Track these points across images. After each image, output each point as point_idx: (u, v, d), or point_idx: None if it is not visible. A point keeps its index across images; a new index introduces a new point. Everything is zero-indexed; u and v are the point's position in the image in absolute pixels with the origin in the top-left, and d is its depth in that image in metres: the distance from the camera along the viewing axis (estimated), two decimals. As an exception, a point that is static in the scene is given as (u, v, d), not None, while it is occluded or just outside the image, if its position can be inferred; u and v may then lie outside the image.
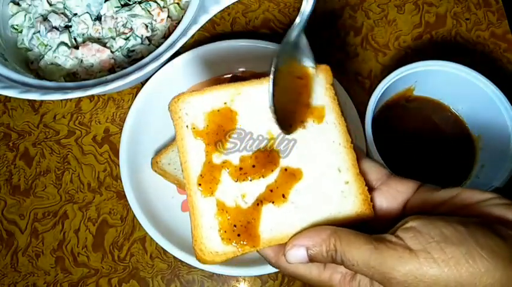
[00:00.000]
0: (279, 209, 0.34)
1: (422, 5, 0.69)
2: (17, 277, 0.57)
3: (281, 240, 0.33)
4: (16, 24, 0.62)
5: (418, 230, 0.28)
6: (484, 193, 0.31)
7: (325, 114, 0.36)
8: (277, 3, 0.69)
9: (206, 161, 0.34)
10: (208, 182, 0.34)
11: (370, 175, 0.36)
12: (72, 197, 0.60)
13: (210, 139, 0.35)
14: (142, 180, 0.56)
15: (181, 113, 0.36)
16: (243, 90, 0.36)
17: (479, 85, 0.52)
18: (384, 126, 0.55)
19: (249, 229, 0.33)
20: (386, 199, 0.35)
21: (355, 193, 0.34)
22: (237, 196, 0.34)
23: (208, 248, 0.33)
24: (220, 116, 0.36)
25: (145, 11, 0.61)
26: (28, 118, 0.63)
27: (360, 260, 0.29)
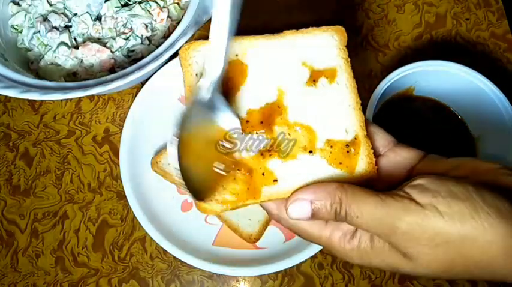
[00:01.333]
0: (285, 163, 0.34)
1: (422, 5, 0.69)
2: (17, 277, 0.57)
3: (283, 195, 0.33)
4: (16, 24, 0.62)
5: (426, 187, 0.29)
6: (492, 163, 0.31)
7: (337, 75, 0.36)
8: (277, 4, 0.69)
9: None
10: None
11: (377, 141, 0.36)
12: (72, 197, 0.60)
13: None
14: (142, 180, 0.56)
15: (191, 61, 0.36)
16: (256, 43, 0.36)
17: (480, 85, 0.52)
18: (384, 126, 0.55)
19: (252, 178, 0.33)
20: (392, 164, 0.35)
21: (360, 154, 0.34)
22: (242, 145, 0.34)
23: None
24: (230, 68, 0.35)
25: (145, 11, 0.61)
26: (28, 118, 0.63)
27: (365, 211, 0.29)
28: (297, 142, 0.34)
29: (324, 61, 0.36)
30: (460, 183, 0.28)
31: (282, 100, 0.35)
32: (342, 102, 0.35)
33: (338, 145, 0.34)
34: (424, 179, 0.29)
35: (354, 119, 0.35)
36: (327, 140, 0.34)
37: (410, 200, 0.28)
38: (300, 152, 0.34)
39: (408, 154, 0.35)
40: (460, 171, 0.31)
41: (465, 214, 0.27)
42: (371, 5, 0.69)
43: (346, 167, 0.34)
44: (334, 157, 0.34)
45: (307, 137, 0.34)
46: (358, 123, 0.35)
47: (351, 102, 0.35)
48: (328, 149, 0.34)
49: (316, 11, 0.68)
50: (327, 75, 0.36)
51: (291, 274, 0.56)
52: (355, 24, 0.68)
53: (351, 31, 0.68)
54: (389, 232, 0.29)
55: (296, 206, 0.31)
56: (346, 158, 0.34)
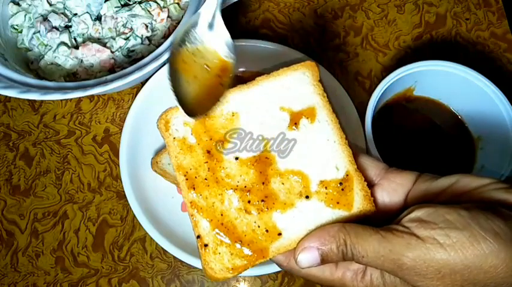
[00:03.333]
0: (285, 214, 0.34)
1: (422, 5, 0.69)
2: (17, 277, 0.57)
3: (289, 246, 0.33)
4: (16, 24, 0.62)
5: (423, 219, 0.29)
6: (483, 179, 0.31)
7: (316, 113, 0.36)
8: (277, 3, 0.69)
9: (204, 177, 0.34)
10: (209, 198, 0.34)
11: (369, 171, 0.36)
12: (72, 197, 0.60)
13: (204, 151, 0.35)
14: (142, 180, 0.56)
15: (171, 131, 0.36)
16: (230, 98, 0.36)
17: (480, 85, 0.52)
18: (384, 127, 0.55)
19: (257, 239, 0.33)
20: (387, 193, 0.35)
21: (355, 189, 0.34)
22: (241, 207, 0.34)
23: (218, 266, 0.33)
24: (211, 126, 0.35)
25: (145, 11, 0.61)
26: (28, 118, 0.63)
27: (370, 250, 0.29)
28: (292, 188, 0.34)
29: (301, 101, 0.36)
30: (455, 211, 0.29)
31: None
32: (327, 140, 0.35)
33: (332, 185, 0.34)
34: (420, 210, 0.30)
35: (342, 155, 0.35)
36: (320, 181, 0.35)
37: (410, 234, 0.29)
38: (297, 199, 0.34)
39: (401, 179, 0.35)
40: (451, 192, 0.32)
41: (465, 243, 0.27)
42: (371, 5, 0.69)
43: (344, 205, 0.34)
44: (331, 197, 0.34)
45: (301, 183, 0.34)
46: (347, 158, 0.35)
47: (336, 137, 0.35)
48: (324, 191, 0.34)
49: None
50: (307, 115, 0.36)
51: (290, 274, 0.56)
52: (355, 24, 0.68)
53: (351, 31, 0.69)
54: (396, 269, 0.29)
55: (304, 255, 0.31)
56: (342, 197, 0.34)
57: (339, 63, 0.65)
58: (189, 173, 0.35)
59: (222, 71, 0.36)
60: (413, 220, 0.30)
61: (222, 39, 0.36)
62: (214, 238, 0.33)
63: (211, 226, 0.34)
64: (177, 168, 0.35)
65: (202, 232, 0.34)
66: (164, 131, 0.36)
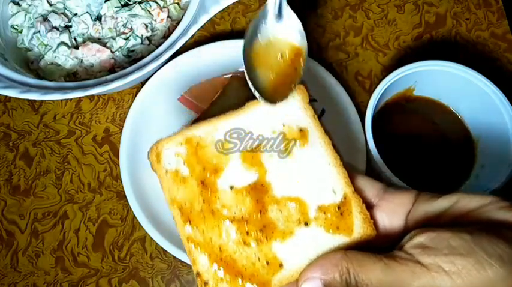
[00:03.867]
0: (285, 244, 0.33)
1: (422, 5, 0.69)
2: (17, 277, 0.57)
3: (291, 277, 0.32)
4: (16, 24, 0.62)
5: (426, 245, 0.29)
6: (483, 197, 0.31)
7: (309, 136, 0.35)
8: (277, 3, 0.69)
9: (199, 209, 0.33)
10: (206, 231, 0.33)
11: (366, 192, 0.35)
12: (72, 197, 0.60)
13: (198, 181, 0.34)
14: (142, 180, 0.56)
15: (163, 163, 0.35)
16: (220, 126, 0.35)
17: (480, 85, 0.52)
18: (384, 127, 0.55)
19: (257, 272, 0.32)
20: (387, 214, 0.34)
21: (354, 212, 0.34)
22: (239, 240, 0.33)
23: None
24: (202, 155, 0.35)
25: (145, 11, 0.61)
26: (28, 118, 0.63)
27: (374, 278, 0.29)
28: (290, 216, 0.33)
29: (291, 125, 0.35)
30: (458, 235, 0.28)
31: (264, 177, 0.34)
32: (321, 163, 0.34)
33: (330, 209, 0.34)
34: (423, 235, 0.29)
35: (337, 177, 0.34)
36: (318, 207, 0.34)
37: (415, 262, 0.28)
38: (296, 227, 0.33)
39: (400, 199, 0.34)
40: (453, 213, 0.31)
41: (470, 269, 0.27)
42: (371, 5, 0.69)
43: (344, 230, 0.33)
44: (330, 222, 0.33)
45: (299, 209, 0.33)
46: (343, 181, 0.34)
47: (330, 160, 0.34)
48: (322, 216, 0.33)
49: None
50: (299, 138, 0.35)
51: (291, 274, 0.56)
52: (355, 24, 0.68)
53: (351, 31, 0.69)
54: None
55: (307, 286, 0.31)
56: (341, 221, 0.33)
57: (339, 63, 0.65)
58: (183, 206, 0.34)
59: (296, 56, 0.36)
60: (416, 246, 0.29)
61: (292, 27, 0.37)
62: (214, 274, 0.32)
63: (210, 261, 0.33)
64: (171, 202, 0.34)
65: (201, 269, 0.33)
66: (156, 164, 0.35)
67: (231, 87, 0.58)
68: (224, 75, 0.62)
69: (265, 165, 0.34)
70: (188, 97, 0.61)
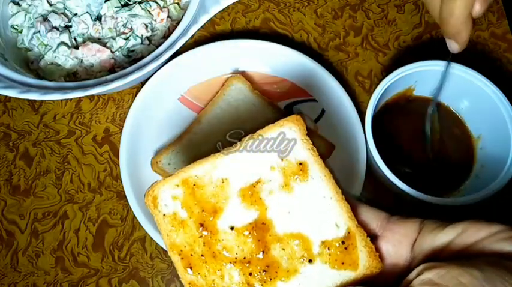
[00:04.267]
0: (289, 284, 0.32)
1: (422, 5, 0.69)
2: (17, 277, 0.57)
3: None
4: (16, 24, 0.62)
5: (435, 282, 0.28)
6: (491, 226, 0.31)
7: (308, 169, 0.34)
8: (277, 3, 0.69)
9: (200, 253, 0.33)
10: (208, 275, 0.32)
11: (370, 223, 0.35)
12: (72, 197, 0.60)
13: (197, 224, 0.33)
14: (142, 180, 0.56)
15: (160, 208, 0.33)
16: (218, 163, 0.34)
17: (479, 85, 0.52)
18: (384, 127, 0.55)
19: None
20: (392, 245, 0.34)
21: (358, 246, 0.33)
22: (243, 282, 0.32)
23: None
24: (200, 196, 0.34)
25: (145, 11, 0.61)
26: (28, 118, 0.63)
27: None
28: (293, 253, 0.33)
29: (290, 159, 0.34)
30: (467, 272, 0.28)
31: (265, 214, 0.33)
32: (323, 197, 0.34)
33: (334, 244, 0.33)
34: (431, 272, 0.29)
35: (340, 211, 0.33)
36: (321, 242, 0.33)
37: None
38: (300, 264, 0.32)
39: (405, 229, 0.34)
40: (461, 242, 0.31)
41: None
42: (371, 5, 0.69)
43: (349, 265, 0.33)
44: (334, 258, 0.33)
45: (302, 246, 0.33)
46: (346, 214, 0.33)
47: (332, 193, 0.33)
48: (326, 252, 0.33)
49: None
50: (299, 173, 0.34)
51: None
52: (355, 24, 0.68)
53: (351, 31, 0.69)
54: None
55: None
56: (346, 256, 0.33)
57: (339, 63, 0.65)
58: (183, 251, 0.33)
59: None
60: (425, 283, 0.29)
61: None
62: None
63: None
64: (170, 247, 0.33)
65: None
66: (153, 209, 0.34)
67: (231, 87, 0.58)
68: (224, 75, 0.62)
69: (265, 202, 0.33)
70: (188, 97, 0.61)
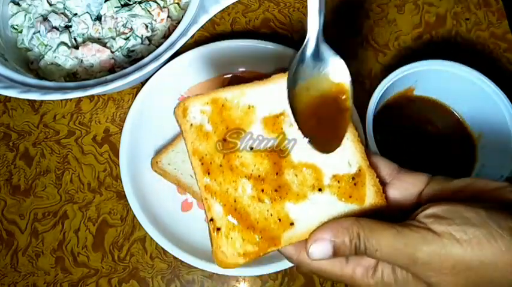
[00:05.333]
0: (298, 205, 0.34)
1: (422, 5, 0.69)
2: (17, 277, 0.57)
3: (301, 237, 0.33)
4: (16, 24, 0.62)
5: (440, 215, 0.29)
6: (498, 182, 0.31)
7: None
8: (277, 3, 0.69)
9: (219, 163, 0.35)
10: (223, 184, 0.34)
11: (381, 170, 0.36)
12: (72, 197, 0.60)
13: (220, 139, 0.35)
14: (142, 180, 0.56)
15: (188, 117, 0.36)
16: (247, 91, 0.36)
17: (480, 85, 0.52)
18: (384, 126, 0.55)
19: (269, 227, 0.33)
20: (400, 192, 0.35)
21: (367, 184, 0.35)
22: (254, 195, 0.34)
23: (230, 251, 0.33)
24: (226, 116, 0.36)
25: (145, 11, 0.61)
26: (28, 118, 0.63)
27: (384, 244, 0.29)
28: (305, 181, 0.35)
29: None
30: (472, 208, 0.29)
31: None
32: None
33: (344, 179, 0.35)
34: (436, 207, 0.30)
35: (354, 151, 0.35)
36: (333, 175, 0.35)
37: (427, 229, 0.29)
38: (310, 191, 0.34)
39: (414, 179, 0.35)
40: (467, 192, 0.32)
41: (482, 239, 0.27)
42: (371, 5, 0.69)
43: (356, 199, 0.34)
44: (343, 191, 0.35)
45: (314, 176, 0.35)
46: (360, 155, 0.35)
47: (349, 135, 0.36)
48: (336, 185, 0.35)
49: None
50: None
51: (291, 274, 0.56)
52: (355, 24, 0.68)
53: (351, 31, 0.69)
54: (410, 263, 0.29)
55: (317, 247, 0.31)
56: (354, 191, 0.35)
57: (339, 63, 0.65)
58: (204, 158, 0.35)
59: (340, 94, 0.36)
60: (429, 215, 0.30)
61: (332, 64, 0.36)
62: (227, 222, 0.34)
63: (225, 211, 0.34)
64: (192, 153, 0.35)
65: (215, 215, 0.34)
66: (182, 118, 0.36)
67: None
68: (224, 75, 0.62)
69: (286, 132, 0.36)
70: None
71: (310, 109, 0.35)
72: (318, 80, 0.36)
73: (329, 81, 0.36)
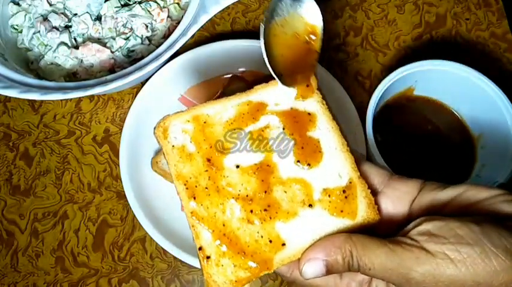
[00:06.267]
0: (288, 224, 0.33)
1: (422, 5, 0.69)
2: (17, 277, 0.57)
3: (294, 257, 0.33)
4: (16, 24, 0.62)
5: (433, 233, 0.29)
6: (491, 190, 0.31)
7: (317, 121, 0.35)
8: (277, 3, 0.69)
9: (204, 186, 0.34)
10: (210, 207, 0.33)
11: (372, 179, 0.35)
12: (72, 197, 0.60)
13: (204, 159, 0.34)
14: (142, 180, 0.56)
15: (169, 139, 0.34)
16: (228, 106, 0.35)
17: (480, 84, 0.52)
18: (384, 126, 0.55)
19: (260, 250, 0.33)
20: (392, 201, 0.34)
21: (359, 197, 0.34)
22: (243, 217, 0.33)
23: (221, 279, 0.32)
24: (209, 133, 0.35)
25: (145, 11, 0.61)
26: (28, 118, 0.63)
27: (377, 263, 0.29)
28: (294, 197, 0.34)
29: (299, 108, 0.36)
30: (466, 225, 0.28)
31: (270, 158, 0.34)
32: (328, 147, 0.35)
33: (335, 192, 0.34)
34: (429, 223, 0.29)
35: (344, 162, 0.34)
36: (323, 189, 0.34)
37: (420, 248, 0.28)
38: (300, 208, 0.33)
39: (406, 187, 0.34)
40: (461, 201, 0.31)
41: (476, 259, 0.27)
42: (371, 5, 0.69)
43: (348, 213, 0.33)
44: (334, 205, 0.34)
45: (304, 191, 0.34)
46: (350, 166, 0.34)
47: (337, 145, 0.35)
48: (327, 199, 0.34)
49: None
50: (307, 122, 0.35)
51: (291, 274, 0.56)
52: (355, 24, 0.68)
53: (351, 31, 0.69)
54: (403, 282, 0.29)
55: (309, 267, 0.31)
56: (346, 205, 0.34)
57: (339, 63, 0.65)
58: (189, 182, 0.34)
59: (312, 35, 0.36)
60: (422, 233, 0.29)
61: (307, 5, 0.36)
62: (217, 249, 0.32)
63: (213, 237, 0.33)
64: (176, 177, 0.34)
65: (204, 243, 0.33)
66: (162, 139, 0.35)
67: (231, 87, 0.58)
68: (224, 75, 0.62)
69: (272, 146, 0.35)
70: (188, 97, 0.61)
71: (281, 46, 0.35)
72: (292, 19, 0.36)
73: (303, 21, 0.36)
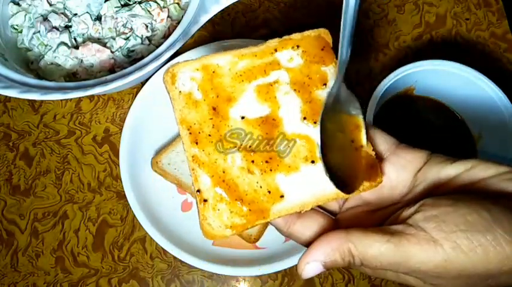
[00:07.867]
0: (289, 177, 0.33)
1: (422, 5, 0.69)
2: (17, 277, 0.57)
3: (291, 209, 0.33)
4: (16, 24, 0.62)
5: (442, 219, 0.28)
6: (499, 166, 0.30)
7: (328, 80, 0.35)
8: (277, 3, 0.69)
9: (208, 133, 0.33)
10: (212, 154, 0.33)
11: (379, 144, 0.35)
12: (72, 197, 0.60)
13: (210, 107, 0.34)
14: (142, 180, 0.56)
15: (177, 84, 0.35)
16: (241, 56, 0.35)
17: (480, 84, 0.52)
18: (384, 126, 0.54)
19: (258, 200, 0.32)
20: (396, 169, 0.34)
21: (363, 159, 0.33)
22: (244, 167, 0.33)
23: (216, 223, 0.32)
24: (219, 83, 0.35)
25: (145, 11, 0.61)
26: (28, 118, 0.63)
27: (384, 260, 0.28)
28: (298, 152, 0.33)
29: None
30: (476, 211, 0.28)
31: (277, 112, 0.34)
32: None
33: None
34: (436, 209, 0.28)
35: None
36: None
37: (428, 240, 0.27)
38: (302, 163, 0.33)
39: (412, 156, 0.34)
40: (468, 177, 0.31)
41: (487, 246, 0.27)
42: (371, 5, 0.69)
43: None
44: None
45: (307, 147, 0.34)
46: None
47: None
48: None
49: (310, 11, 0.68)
50: (319, 80, 0.35)
51: (291, 274, 0.56)
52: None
53: (351, 31, 0.68)
54: (413, 273, 0.29)
55: (308, 270, 0.31)
56: None
57: (339, 63, 0.65)
58: (192, 127, 0.34)
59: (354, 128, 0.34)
60: (429, 218, 0.28)
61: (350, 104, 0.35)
62: (215, 194, 0.32)
63: (212, 182, 0.33)
64: (180, 122, 0.34)
65: (202, 187, 0.33)
66: (170, 85, 0.35)
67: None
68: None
69: (279, 101, 0.34)
70: (188, 97, 0.61)
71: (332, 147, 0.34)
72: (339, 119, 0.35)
73: (345, 117, 0.35)
